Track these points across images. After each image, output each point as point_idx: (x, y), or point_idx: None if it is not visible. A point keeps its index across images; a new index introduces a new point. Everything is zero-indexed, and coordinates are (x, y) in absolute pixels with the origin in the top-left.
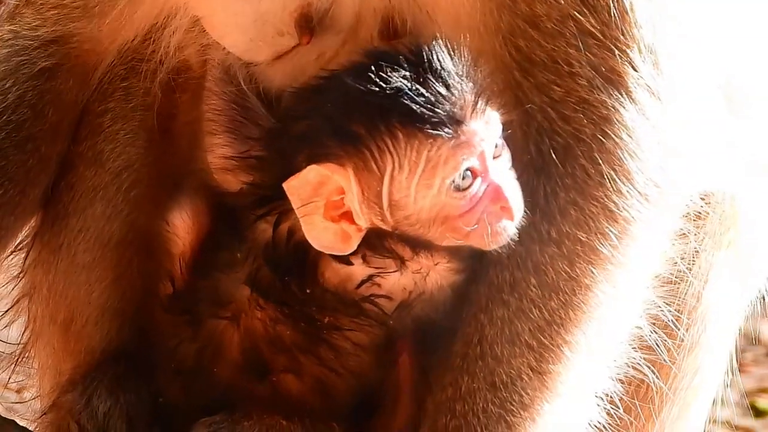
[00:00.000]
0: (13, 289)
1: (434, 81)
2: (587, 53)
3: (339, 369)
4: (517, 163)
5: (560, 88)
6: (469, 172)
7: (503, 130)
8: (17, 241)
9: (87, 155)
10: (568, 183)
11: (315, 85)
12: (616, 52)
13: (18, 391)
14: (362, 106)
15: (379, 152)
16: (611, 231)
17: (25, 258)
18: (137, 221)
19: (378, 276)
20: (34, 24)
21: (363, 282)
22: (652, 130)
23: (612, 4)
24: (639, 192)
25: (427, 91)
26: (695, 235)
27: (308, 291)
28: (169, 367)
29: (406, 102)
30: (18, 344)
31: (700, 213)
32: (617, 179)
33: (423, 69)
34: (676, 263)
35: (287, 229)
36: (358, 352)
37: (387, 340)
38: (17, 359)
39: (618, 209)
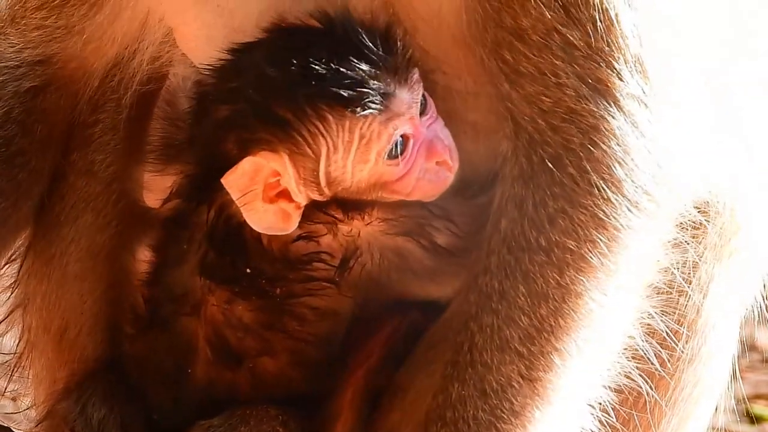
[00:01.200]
0: (7, 299)
1: (355, 60)
2: (573, 64)
3: (308, 337)
4: (506, 176)
5: (548, 99)
6: (401, 138)
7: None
8: (10, 252)
9: (78, 165)
10: (556, 192)
11: (231, 64)
12: (602, 63)
13: (14, 400)
14: (284, 90)
15: (311, 136)
16: (601, 239)
17: (20, 268)
18: (125, 233)
19: (313, 236)
20: (18, 46)
21: (300, 238)
22: (641, 139)
23: (597, 17)
24: (629, 200)
25: (351, 71)
26: (694, 246)
27: (253, 265)
28: (156, 381)
29: (330, 87)
30: (12, 354)
31: (697, 224)
32: (606, 188)
33: (341, 47)
34: (674, 274)
35: (222, 209)
36: (321, 317)
37: (348, 306)
38: (12, 369)
39: (607, 217)
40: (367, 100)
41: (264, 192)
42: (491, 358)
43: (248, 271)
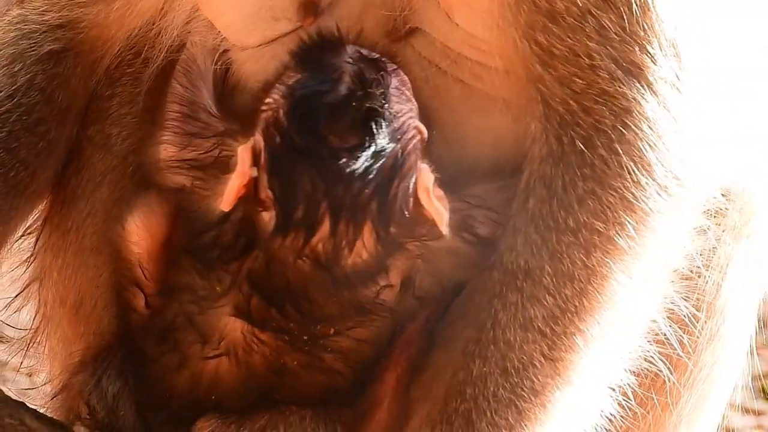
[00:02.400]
0: (23, 273)
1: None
2: (608, 47)
3: (343, 370)
4: (535, 156)
5: (581, 81)
6: None
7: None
8: (27, 224)
9: (95, 139)
10: (586, 173)
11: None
12: (637, 46)
13: (29, 375)
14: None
15: None
16: (629, 222)
17: (36, 242)
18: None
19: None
20: (41, 9)
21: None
22: (673, 122)
23: (633, 0)
24: (658, 184)
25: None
26: (715, 230)
27: (310, 312)
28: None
29: None
30: (28, 329)
31: (720, 209)
32: (636, 170)
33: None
34: (693, 257)
35: (275, 257)
36: (362, 347)
37: (390, 326)
38: (28, 344)
39: (636, 200)
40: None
41: None
42: (514, 337)
43: (304, 318)
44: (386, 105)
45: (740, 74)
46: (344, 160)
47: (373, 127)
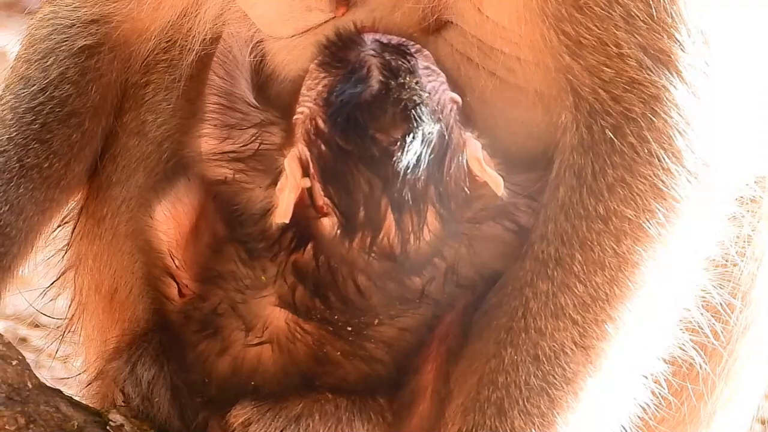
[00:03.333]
0: (58, 262)
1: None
2: (635, 35)
3: (384, 358)
4: (565, 145)
5: (610, 69)
6: None
7: None
8: (62, 215)
9: (130, 126)
10: (616, 161)
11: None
12: (665, 34)
13: (64, 362)
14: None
15: None
16: (659, 209)
17: (72, 231)
18: None
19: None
20: (73, 5)
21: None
22: (702, 109)
23: None
24: (688, 171)
25: None
26: (749, 219)
27: (355, 302)
28: (201, 368)
29: None
30: (64, 316)
31: (754, 197)
32: (666, 158)
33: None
34: (728, 246)
35: (321, 253)
36: (404, 335)
37: (432, 313)
38: (64, 331)
39: (667, 187)
40: None
41: None
42: (545, 325)
43: (350, 309)
44: (421, 89)
45: None
46: (395, 154)
47: (415, 114)
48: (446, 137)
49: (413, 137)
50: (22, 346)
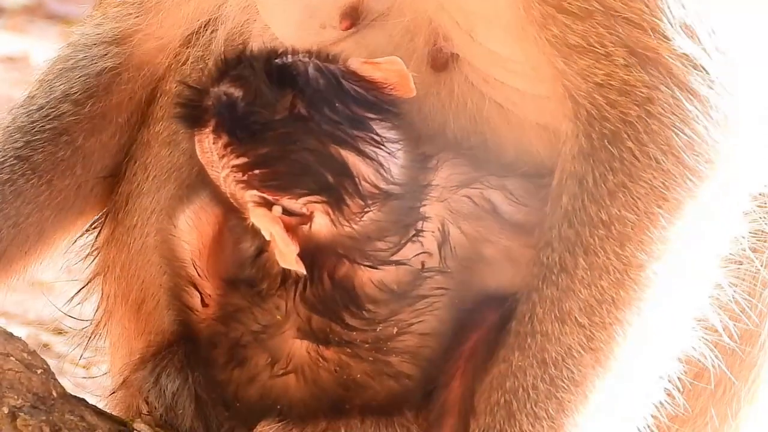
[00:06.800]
0: (87, 267)
1: None
2: (617, 32)
3: (411, 371)
4: (566, 153)
5: (601, 71)
6: None
7: None
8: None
9: (162, 135)
10: (616, 167)
11: None
12: (647, 28)
13: (86, 367)
14: None
15: None
16: (661, 211)
17: (97, 236)
18: None
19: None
20: (97, 22)
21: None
22: (698, 105)
23: None
24: (689, 169)
25: None
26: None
27: (365, 315)
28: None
29: None
30: (90, 322)
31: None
32: (665, 159)
33: None
34: (743, 246)
35: (324, 273)
36: (427, 341)
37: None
38: (89, 336)
39: (667, 189)
40: None
41: None
42: (551, 329)
43: (364, 324)
44: (276, 59)
45: None
46: (299, 110)
47: (291, 77)
48: (330, 76)
49: (304, 95)
50: (45, 351)
